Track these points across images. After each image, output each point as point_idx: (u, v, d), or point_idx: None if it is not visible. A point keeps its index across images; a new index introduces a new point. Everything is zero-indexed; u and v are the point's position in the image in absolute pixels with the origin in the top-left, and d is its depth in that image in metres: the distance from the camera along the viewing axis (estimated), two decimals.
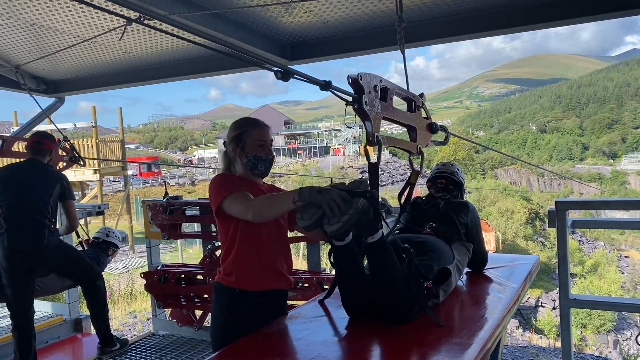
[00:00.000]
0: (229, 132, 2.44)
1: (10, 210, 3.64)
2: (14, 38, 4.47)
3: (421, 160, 2.63)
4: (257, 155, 2.36)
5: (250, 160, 2.36)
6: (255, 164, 2.36)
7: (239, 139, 2.37)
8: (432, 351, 1.95)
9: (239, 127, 2.41)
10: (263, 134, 2.39)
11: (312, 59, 4.44)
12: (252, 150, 2.36)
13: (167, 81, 5.50)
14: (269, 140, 2.41)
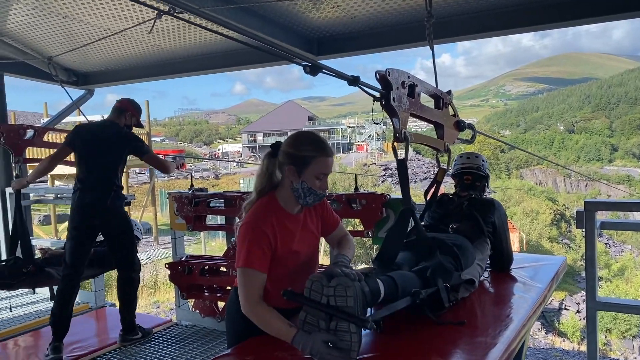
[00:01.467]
0: (291, 145, 2.07)
1: (87, 168, 3.87)
2: (46, 30, 4.57)
3: (448, 158, 2.61)
4: (311, 188, 2.06)
5: (303, 189, 2.05)
6: (304, 196, 2.07)
7: (302, 162, 2.03)
8: (456, 349, 1.94)
9: (308, 148, 2.04)
10: (328, 165, 2.05)
11: (338, 55, 4.44)
12: (309, 180, 2.04)
13: (195, 75, 5.56)
14: (329, 172, 2.08)
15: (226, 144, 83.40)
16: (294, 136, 2.12)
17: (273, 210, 2.08)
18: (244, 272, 1.99)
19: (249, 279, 1.99)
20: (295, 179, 2.04)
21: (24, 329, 4.64)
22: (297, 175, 2.04)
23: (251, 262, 1.98)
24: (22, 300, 5.53)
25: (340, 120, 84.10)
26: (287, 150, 2.07)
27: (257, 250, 1.99)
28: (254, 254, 1.99)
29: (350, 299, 1.74)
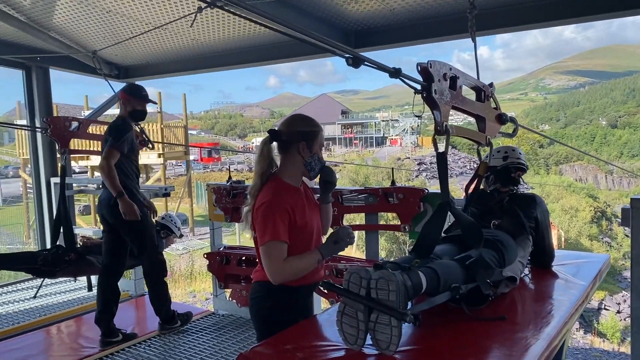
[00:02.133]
0: (295, 125, 2.35)
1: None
2: (91, 25, 4.70)
3: (489, 151, 2.57)
4: (320, 158, 2.35)
5: (313, 160, 2.32)
6: (314, 166, 2.33)
7: (311, 137, 2.31)
8: (495, 344, 1.91)
9: (312, 124, 2.36)
10: (323, 137, 2.41)
11: (376, 47, 4.41)
12: (318, 151, 2.33)
13: (233, 68, 5.62)
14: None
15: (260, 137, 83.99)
16: (300, 117, 2.42)
17: (285, 188, 2.30)
18: (274, 245, 2.18)
19: (277, 250, 2.19)
20: (307, 153, 2.31)
21: (65, 316, 4.81)
22: (308, 150, 2.30)
23: (278, 235, 2.18)
24: (63, 287, 5.73)
25: (374, 114, 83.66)
26: (297, 130, 2.33)
27: (280, 223, 2.19)
28: (279, 226, 2.18)
29: (392, 293, 1.74)
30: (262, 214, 2.21)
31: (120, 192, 3.77)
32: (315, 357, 1.83)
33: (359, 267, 1.87)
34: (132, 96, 4.02)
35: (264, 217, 2.20)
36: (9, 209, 26.20)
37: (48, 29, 4.86)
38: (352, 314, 1.82)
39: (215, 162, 47.40)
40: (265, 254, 2.20)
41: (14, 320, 4.73)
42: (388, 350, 1.77)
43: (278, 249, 2.19)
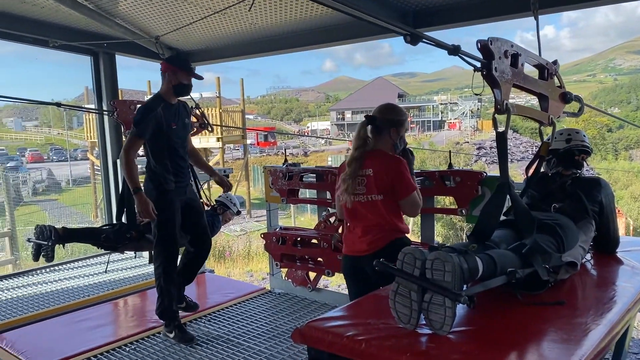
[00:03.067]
0: (388, 114, 2.90)
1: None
2: (154, 11, 4.85)
3: (552, 132, 2.49)
4: (404, 141, 2.95)
5: (399, 142, 2.90)
6: (399, 147, 2.90)
7: (399, 124, 2.89)
8: (552, 328, 1.88)
9: (401, 113, 2.95)
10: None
11: (435, 27, 4.30)
12: (403, 135, 2.93)
13: (290, 52, 5.66)
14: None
15: (315, 121, 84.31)
16: (392, 107, 2.98)
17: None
18: (418, 191, 2.85)
19: (418, 195, 2.83)
20: (395, 137, 2.87)
21: (131, 290, 5.07)
22: (397, 134, 2.87)
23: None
24: (130, 263, 6.03)
25: (432, 97, 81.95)
26: (389, 118, 2.88)
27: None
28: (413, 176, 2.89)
29: (448, 274, 1.74)
30: (406, 170, 2.80)
31: (136, 188, 3.55)
32: (368, 334, 1.86)
33: (412, 247, 1.88)
34: (178, 67, 3.65)
35: (404, 171, 2.78)
36: (78, 189, 27.68)
37: (114, 16, 5.06)
38: (405, 294, 1.83)
39: (271, 146, 48.06)
40: (415, 197, 2.80)
41: (85, 293, 5.03)
42: (441, 331, 1.77)
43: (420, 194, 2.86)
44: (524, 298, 2.05)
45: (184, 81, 3.64)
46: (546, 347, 1.78)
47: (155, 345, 3.77)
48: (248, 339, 3.84)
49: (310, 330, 1.95)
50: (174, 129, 3.65)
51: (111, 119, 5.83)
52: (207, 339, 3.87)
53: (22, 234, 10.60)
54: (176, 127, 3.68)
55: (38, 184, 28.01)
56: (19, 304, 4.75)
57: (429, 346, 1.76)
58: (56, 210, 19.30)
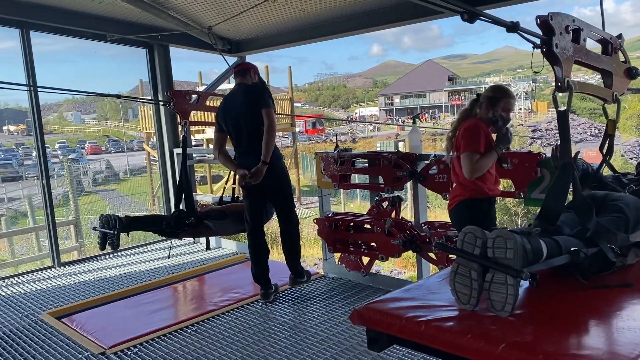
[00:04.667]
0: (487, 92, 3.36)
1: (236, 135, 4.17)
2: (205, 2, 4.94)
3: (617, 109, 2.39)
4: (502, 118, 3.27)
5: (495, 118, 3.25)
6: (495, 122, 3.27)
7: (494, 101, 3.25)
8: (619, 311, 1.81)
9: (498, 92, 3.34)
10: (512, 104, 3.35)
11: (490, 5, 4.17)
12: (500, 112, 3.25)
13: (339, 37, 5.66)
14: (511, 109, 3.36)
15: (363, 107, 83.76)
16: (491, 87, 3.44)
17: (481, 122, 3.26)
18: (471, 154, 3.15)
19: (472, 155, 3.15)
20: (489, 111, 3.26)
21: (188, 275, 5.25)
22: (492, 109, 3.26)
23: (474, 147, 3.15)
24: (188, 249, 6.23)
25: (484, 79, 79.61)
26: (486, 95, 3.32)
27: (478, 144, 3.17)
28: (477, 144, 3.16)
29: (510, 251, 1.71)
30: (473, 129, 3.19)
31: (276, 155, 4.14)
32: (428, 315, 1.86)
33: (473, 227, 1.86)
34: (256, 67, 4.34)
35: (474, 133, 3.17)
36: (135, 179, 28.74)
37: (167, 8, 5.19)
38: (465, 274, 1.82)
39: (320, 133, 48.18)
40: (467, 158, 3.14)
41: (147, 277, 5.25)
42: (503, 312, 1.75)
43: (475, 155, 3.14)
44: (589, 281, 1.99)
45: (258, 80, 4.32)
46: (613, 330, 1.73)
47: (214, 327, 3.90)
48: (304, 321, 3.91)
49: (369, 312, 1.97)
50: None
51: (167, 110, 6.01)
52: (264, 320, 3.97)
53: (85, 222, 11.14)
54: None
55: (98, 174, 29.27)
56: (85, 288, 5.01)
57: (491, 328, 1.74)
58: (115, 200, 20.15)
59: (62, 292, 4.96)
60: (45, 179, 5.53)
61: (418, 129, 4.52)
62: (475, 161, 3.14)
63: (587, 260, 1.96)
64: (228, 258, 5.77)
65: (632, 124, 52.74)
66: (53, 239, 5.68)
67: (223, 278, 5.19)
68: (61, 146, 45.35)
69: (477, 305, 1.82)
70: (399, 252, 4.15)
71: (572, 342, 1.67)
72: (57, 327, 4.06)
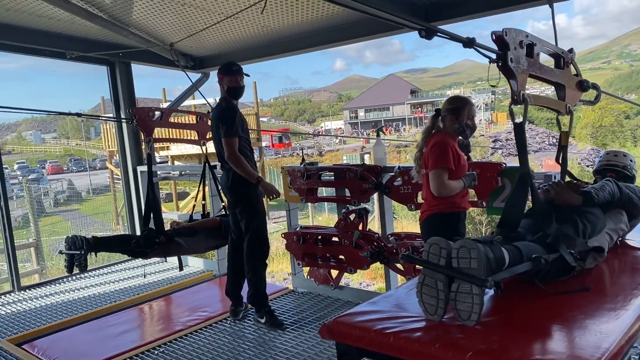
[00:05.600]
0: (446, 104, 3.33)
1: (215, 150, 4.13)
2: (167, 18, 4.91)
3: (570, 120, 2.49)
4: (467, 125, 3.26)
5: (461, 126, 3.23)
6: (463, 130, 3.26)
7: (456, 111, 3.23)
8: (581, 315, 1.88)
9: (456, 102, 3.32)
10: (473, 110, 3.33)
11: (448, 21, 4.28)
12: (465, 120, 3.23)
13: (303, 52, 5.70)
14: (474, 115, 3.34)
15: (328, 121, 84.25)
16: (449, 98, 3.43)
17: (449, 137, 3.23)
18: (441, 171, 3.12)
19: (442, 173, 3.11)
20: (455, 122, 3.23)
21: (155, 295, 5.13)
22: (456, 119, 3.22)
23: (445, 163, 3.11)
24: (154, 268, 6.12)
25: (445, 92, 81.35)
26: (447, 107, 3.28)
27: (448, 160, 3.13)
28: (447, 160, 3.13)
29: (474, 260, 1.75)
30: (442, 146, 3.15)
31: (258, 178, 3.91)
32: (396, 327, 1.88)
33: (438, 238, 1.89)
34: (224, 74, 3.98)
35: (444, 150, 3.13)
36: (98, 198, 28.06)
37: (128, 25, 5.14)
38: (431, 284, 1.85)
39: (286, 147, 48.17)
40: (436, 175, 3.11)
41: (112, 299, 5.12)
42: (470, 321, 1.78)
43: (446, 172, 3.11)
44: (550, 287, 2.05)
45: (231, 84, 3.97)
46: (575, 333, 1.78)
47: (183, 348, 3.83)
48: (274, 338, 3.87)
49: (337, 326, 1.98)
50: (246, 126, 4.06)
51: (130, 127, 5.92)
52: (233, 339, 3.92)
53: (47, 244, 10.81)
54: (246, 124, 4.07)
55: (59, 194, 28.44)
56: (47, 312, 4.85)
57: (458, 337, 1.77)
58: (78, 220, 19.59)
59: (22, 317, 4.78)
60: (3, 201, 5.35)
61: (382, 142, 4.58)
62: (445, 178, 3.12)
63: (547, 266, 2.02)
64: (196, 276, 5.68)
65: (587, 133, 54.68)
66: (12, 263, 5.49)
67: (191, 297, 5.10)
68: (20, 166, 44.02)
69: (444, 316, 1.85)
70: (367, 264, 4.19)
71: (537, 347, 1.71)
72: (17, 354, 3.91)
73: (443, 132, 3.28)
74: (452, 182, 3.14)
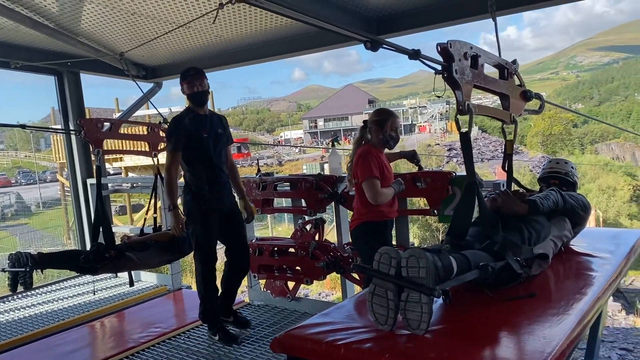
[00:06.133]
0: (371, 116, 3.46)
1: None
2: (117, 27, 4.81)
3: (514, 130, 2.56)
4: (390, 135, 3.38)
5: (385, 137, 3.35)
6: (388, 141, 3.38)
7: (379, 123, 3.37)
8: (527, 320, 1.92)
9: (378, 114, 3.46)
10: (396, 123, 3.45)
11: (398, 33, 4.37)
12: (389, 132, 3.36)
13: (258, 62, 5.68)
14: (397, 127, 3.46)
15: (288, 130, 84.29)
16: (374, 111, 3.54)
17: (373, 149, 3.37)
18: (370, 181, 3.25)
19: (373, 184, 3.24)
20: (379, 133, 3.36)
21: (106, 311, 4.96)
22: (380, 130, 3.36)
23: (371, 173, 3.24)
24: (105, 284, 5.92)
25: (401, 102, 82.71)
26: (372, 119, 3.41)
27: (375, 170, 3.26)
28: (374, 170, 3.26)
29: (422, 269, 1.77)
30: (367, 158, 3.29)
31: (171, 205, 3.72)
32: (347, 338, 1.87)
33: (388, 247, 1.90)
34: (182, 80, 3.79)
35: (369, 161, 3.27)
36: (48, 212, 27.09)
37: (76, 34, 5.00)
38: (382, 294, 1.85)
39: (245, 157, 47.83)
40: (368, 185, 3.24)
41: (60, 316, 4.91)
42: (419, 330, 1.79)
43: (376, 182, 3.24)
44: (498, 294, 2.09)
45: (187, 91, 3.74)
46: (521, 339, 1.82)
47: None
48: (229, 352, 3.80)
49: (289, 339, 1.95)
50: (205, 137, 3.72)
51: (79, 139, 5.74)
52: (187, 355, 3.82)
53: None
54: (207, 136, 3.74)
55: (6, 208, 27.33)
56: None
57: (408, 346, 1.78)
58: (26, 235, 18.86)
59: None
60: None
61: (337, 152, 4.61)
62: (378, 186, 3.25)
63: (494, 274, 2.06)
64: (149, 291, 5.53)
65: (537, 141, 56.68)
66: None
67: (144, 312, 4.96)
68: None
69: (394, 325, 1.86)
70: (324, 274, 4.17)
71: (486, 354, 1.74)
72: None
73: (369, 144, 3.41)
74: (385, 190, 3.30)
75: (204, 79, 3.79)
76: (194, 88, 3.74)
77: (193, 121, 3.72)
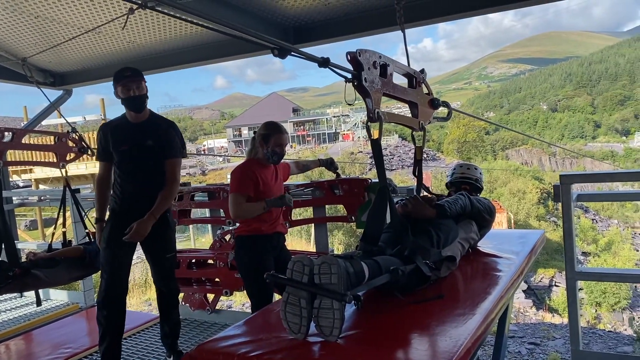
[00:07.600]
0: (259, 129, 3.34)
1: None
2: (19, 31, 4.52)
3: (423, 136, 2.65)
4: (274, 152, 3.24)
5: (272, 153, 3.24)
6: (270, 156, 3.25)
7: (264, 137, 3.25)
8: (436, 321, 1.98)
9: (265, 128, 3.31)
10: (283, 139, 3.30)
11: (315, 42, 4.43)
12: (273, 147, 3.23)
13: (173, 69, 5.53)
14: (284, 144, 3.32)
15: (211, 139, 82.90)
16: (263, 124, 3.37)
17: (255, 163, 3.28)
18: (232, 196, 3.19)
19: (235, 199, 3.17)
20: (263, 147, 3.26)
21: (12, 333, 4.63)
22: (263, 145, 3.25)
23: (238, 189, 3.18)
24: (10, 304, 5.51)
25: (325, 110, 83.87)
26: (259, 133, 3.30)
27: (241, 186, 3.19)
28: (240, 186, 3.19)
29: (334, 276, 1.78)
30: (235, 173, 3.26)
31: (96, 218, 3.41)
32: (260, 350, 1.84)
33: (301, 256, 1.90)
34: (115, 83, 3.30)
35: (236, 176, 3.24)
36: None
37: None
38: (295, 302, 1.85)
39: None
40: (230, 201, 3.19)
41: None
42: (332, 336, 1.80)
43: (239, 197, 3.17)
44: (408, 297, 2.15)
45: (119, 94, 3.27)
46: (430, 341, 1.87)
47: None
48: None
49: (201, 353, 1.90)
50: (123, 149, 3.28)
51: None
52: None
53: None
54: (128, 147, 3.27)
55: None
56: None
57: (321, 354, 1.78)
58: None
59: None
60: None
61: None
62: (240, 203, 3.14)
63: (405, 277, 2.11)
64: (59, 310, 5.20)
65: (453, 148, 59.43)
66: None
67: (53, 333, 4.65)
68: None
69: (307, 333, 1.85)
70: (243, 285, 4.10)
71: (399, 356, 1.77)
72: None
73: (251, 158, 3.31)
74: (248, 205, 3.16)
75: (142, 82, 3.31)
76: (130, 92, 3.24)
77: (117, 130, 3.32)
